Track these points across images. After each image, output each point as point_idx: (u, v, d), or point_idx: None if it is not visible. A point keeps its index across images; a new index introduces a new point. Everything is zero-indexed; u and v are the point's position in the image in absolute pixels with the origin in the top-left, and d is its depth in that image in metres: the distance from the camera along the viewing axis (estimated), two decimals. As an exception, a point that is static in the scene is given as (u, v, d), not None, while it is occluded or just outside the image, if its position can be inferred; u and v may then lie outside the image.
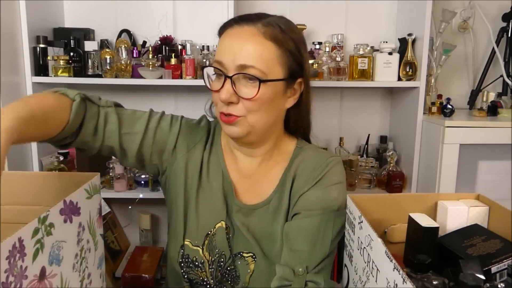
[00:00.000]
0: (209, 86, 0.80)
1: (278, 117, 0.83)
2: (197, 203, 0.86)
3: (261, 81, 0.74)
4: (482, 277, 0.55)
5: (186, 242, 0.84)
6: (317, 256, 0.78)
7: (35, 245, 0.48)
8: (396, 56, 1.62)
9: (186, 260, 0.84)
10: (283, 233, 0.82)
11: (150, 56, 1.58)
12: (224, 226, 0.84)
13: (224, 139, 0.89)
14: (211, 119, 0.94)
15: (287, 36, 0.77)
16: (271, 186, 0.86)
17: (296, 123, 0.90)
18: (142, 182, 1.59)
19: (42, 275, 0.50)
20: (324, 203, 0.80)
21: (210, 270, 0.84)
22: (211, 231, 0.84)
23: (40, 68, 1.50)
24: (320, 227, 0.79)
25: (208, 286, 0.85)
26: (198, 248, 0.84)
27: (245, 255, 0.83)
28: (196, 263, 0.84)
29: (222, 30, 0.80)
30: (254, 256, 0.83)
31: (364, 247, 0.61)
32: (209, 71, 0.82)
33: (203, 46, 1.57)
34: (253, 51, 0.74)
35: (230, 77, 0.74)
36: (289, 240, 0.80)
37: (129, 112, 0.85)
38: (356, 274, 0.66)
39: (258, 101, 0.75)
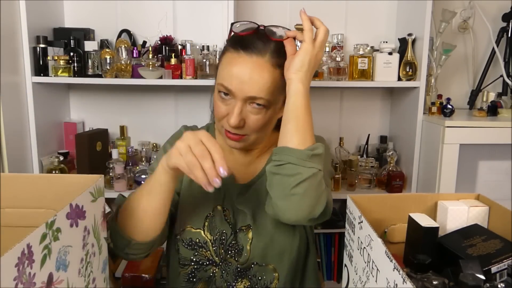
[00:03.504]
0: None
1: (273, 127, 0.90)
2: (193, 190, 0.90)
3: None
4: (482, 277, 0.55)
5: (187, 228, 0.88)
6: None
7: (43, 251, 0.47)
8: (396, 56, 1.62)
9: (190, 243, 0.88)
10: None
11: (150, 56, 1.58)
12: (221, 208, 0.90)
13: (220, 138, 0.93)
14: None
15: (285, 56, 0.80)
16: (263, 162, 0.94)
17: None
18: (142, 182, 1.58)
19: (50, 281, 0.49)
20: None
21: (214, 248, 0.88)
22: (210, 213, 0.89)
23: (40, 68, 1.50)
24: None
25: (214, 264, 0.88)
26: (200, 230, 0.88)
27: (243, 228, 0.88)
28: (200, 244, 0.88)
29: (226, 50, 0.82)
30: (249, 225, 0.88)
31: (364, 247, 0.61)
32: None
33: (203, 46, 1.57)
34: (262, 82, 0.78)
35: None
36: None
37: None
38: (356, 274, 0.66)
39: (262, 123, 0.83)
